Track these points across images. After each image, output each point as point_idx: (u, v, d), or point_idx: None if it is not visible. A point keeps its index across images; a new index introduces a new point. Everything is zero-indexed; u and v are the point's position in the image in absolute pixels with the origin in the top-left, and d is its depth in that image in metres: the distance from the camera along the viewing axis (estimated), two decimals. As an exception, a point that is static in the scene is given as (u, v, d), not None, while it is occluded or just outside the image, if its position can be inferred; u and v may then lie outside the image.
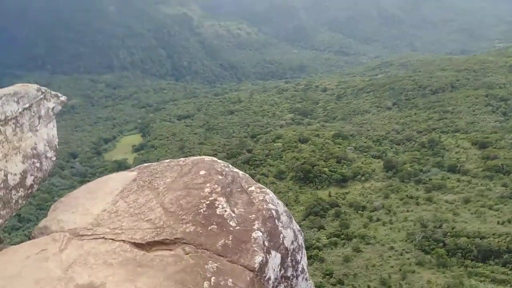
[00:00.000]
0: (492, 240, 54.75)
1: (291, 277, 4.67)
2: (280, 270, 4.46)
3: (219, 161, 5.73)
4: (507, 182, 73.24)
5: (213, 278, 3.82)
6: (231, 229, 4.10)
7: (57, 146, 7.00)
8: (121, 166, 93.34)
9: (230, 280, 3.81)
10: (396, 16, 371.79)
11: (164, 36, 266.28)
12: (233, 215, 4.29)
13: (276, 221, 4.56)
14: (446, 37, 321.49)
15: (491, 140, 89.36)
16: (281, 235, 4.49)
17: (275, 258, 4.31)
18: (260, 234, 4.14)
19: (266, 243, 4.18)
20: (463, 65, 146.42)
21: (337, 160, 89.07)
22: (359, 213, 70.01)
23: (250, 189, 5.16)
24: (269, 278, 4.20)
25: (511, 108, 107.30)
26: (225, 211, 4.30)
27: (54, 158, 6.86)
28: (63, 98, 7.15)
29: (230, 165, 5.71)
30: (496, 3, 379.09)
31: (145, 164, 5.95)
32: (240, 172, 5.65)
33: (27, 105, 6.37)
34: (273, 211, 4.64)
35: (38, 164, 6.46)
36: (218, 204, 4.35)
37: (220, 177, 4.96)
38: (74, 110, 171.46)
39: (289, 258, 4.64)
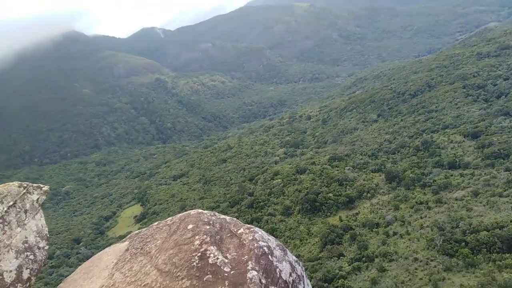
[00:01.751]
0: (512, 227, 53.86)
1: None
2: (284, 304, 4.35)
3: (205, 211, 5.73)
4: (509, 166, 73.34)
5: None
6: (226, 275, 4.03)
7: (48, 235, 7.00)
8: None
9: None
10: (357, 33, 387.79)
11: (143, 105, 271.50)
12: (226, 260, 4.23)
13: (270, 256, 4.50)
14: (410, 41, 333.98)
15: (481, 129, 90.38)
16: (277, 269, 4.42)
17: (275, 294, 4.22)
18: (255, 273, 4.07)
19: (263, 281, 4.10)
20: (433, 64, 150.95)
21: (339, 183, 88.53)
22: (374, 231, 68.58)
23: (239, 231, 5.13)
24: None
25: (491, 93, 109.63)
26: (217, 258, 4.24)
27: (46, 247, 6.85)
28: (45, 188, 7.25)
29: (216, 213, 5.70)
30: (445, 0, 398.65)
31: (135, 232, 5.92)
32: (228, 217, 5.64)
33: (11, 203, 6.44)
34: (265, 248, 4.60)
35: (32, 257, 6.45)
36: (209, 254, 4.30)
37: (208, 227, 4.95)
38: (69, 196, 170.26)
39: (291, 290, 4.54)
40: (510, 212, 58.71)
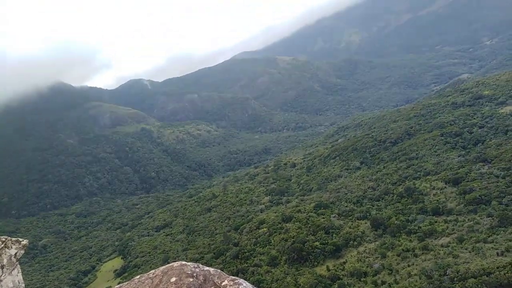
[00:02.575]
0: (499, 274, 53.49)
1: None
2: None
3: (189, 263, 5.71)
4: (491, 211, 74.33)
5: None
6: (209, 329, 3.99)
7: (25, 291, 6.74)
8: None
9: None
10: (337, 85, 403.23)
11: (128, 154, 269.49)
12: (209, 314, 4.21)
13: (254, 309, 4.50)
14: (388, 92, 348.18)
15: (461, 175, 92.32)
16: (261, 322, 4.39)
17: None
18: (239, 327, 4.05)
19: (247, 335, 4.08)
20: (412, 113, 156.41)
21: (325, 231, 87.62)
22: (362, 281, 67.13)
23: (223, 283, 5.12)
24: None
25: (468, 141, 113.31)
26: (200, 313, 4.21)
27: (23, 305, 6.58)
28: (24, 242, 7.09)
29: (200, 265, 5.68)
30: (420, 54, 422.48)
31: (116, 287, 5.80)
32: (212, 269, 5.63)
33: (-12, 258, 6.28)
34: (249, 300, 4.61)
35: (6, 316, 6.18)
36: (192, 308, 4.28)
37: (191, 279, 4.93)
38: (46, 250, 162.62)
39: None
40: (496, 258, 58.64)
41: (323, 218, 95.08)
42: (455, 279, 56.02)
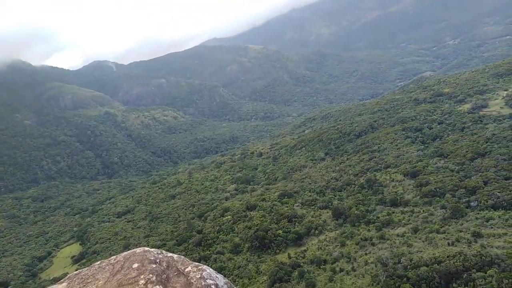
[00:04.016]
0: (449, 262, 56.66)
1: None
2: None
3: (152, 249, 5.62)
4: (444, 204, 78.25)
5: None
6: (171, 315, 3.97)
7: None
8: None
9: None
10: (306, 76, 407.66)
11: (90, 138, 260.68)
12: (172, 300, 4.18)
13: (217, 295, 4.52)
14: (354, 85, 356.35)
15: (419, 169, 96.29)
16: (224, 308, 4.43)
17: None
18: (202, 312, 4.06)
19: (210, 320, 4.10)
20: (376, 107, 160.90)
21: (288, 219, 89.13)
22: (321, 268, 69.13)
23: (186, 270, 5.08)
24: None
25: (427, 136, 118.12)
26: (163, 299, 4.18)
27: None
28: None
29: (163, 251, 5.61)
30: (386, 50, 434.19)
31: (75, 272, 5.63)
32: (175, 256, 5.57)
33: None
34: (213, 286, 4.60)
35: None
36: (154, 294, 4.23)
37: (154, 265, 4.85)
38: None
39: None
40: (447, 248, 62.01)
41: (287, 207, 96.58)
42: (409, 267, 58.80)
